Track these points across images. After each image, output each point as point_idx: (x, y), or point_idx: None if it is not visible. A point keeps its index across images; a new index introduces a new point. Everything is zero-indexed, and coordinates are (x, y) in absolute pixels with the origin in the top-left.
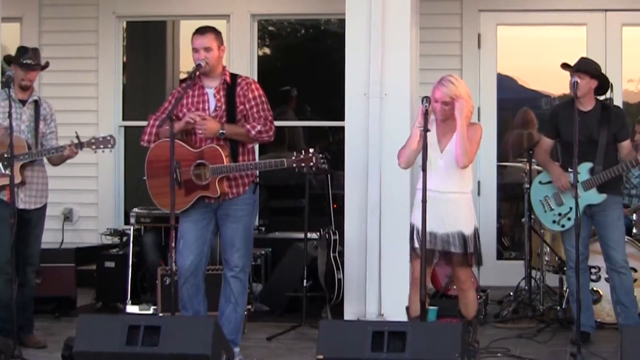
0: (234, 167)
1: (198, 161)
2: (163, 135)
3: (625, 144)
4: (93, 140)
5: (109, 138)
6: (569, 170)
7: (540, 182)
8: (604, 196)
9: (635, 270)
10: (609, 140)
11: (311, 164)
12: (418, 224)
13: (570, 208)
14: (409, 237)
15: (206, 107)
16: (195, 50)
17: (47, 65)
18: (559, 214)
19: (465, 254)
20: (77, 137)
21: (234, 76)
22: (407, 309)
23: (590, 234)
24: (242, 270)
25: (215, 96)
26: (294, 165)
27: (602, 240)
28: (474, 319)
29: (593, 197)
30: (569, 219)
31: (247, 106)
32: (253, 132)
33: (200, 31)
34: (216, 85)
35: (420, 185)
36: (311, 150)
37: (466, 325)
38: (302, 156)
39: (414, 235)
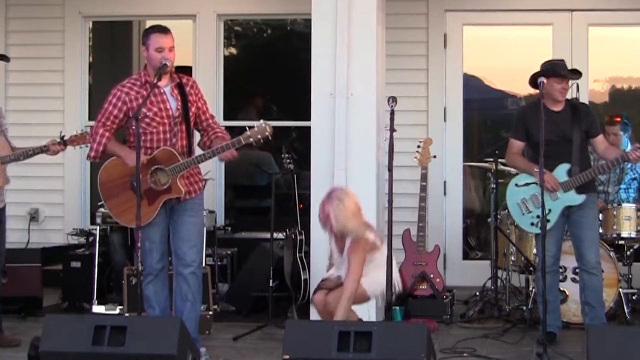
0: (191, 160)
1: (153, 167)
2: (109, 150)
3: (600, 139)
4: (74, 137)
5: (87, 134)
6: (550, 171)
7: (516, 185)
8: (583, 197)
9: (602, 271)
10: (582, 138)
11: (267, 133)
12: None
13: (550, 210)
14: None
15: (168, 107)
16: (160, 49)
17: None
18: (537, 216)
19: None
20: (62, 135)
21: (178, 75)
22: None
23: (563, 234)
24: (198, 266)
25: (172, 95)
26: (252, 139)
27: (576, 240)
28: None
29: (573, 198)
30: (547, 220)
31: (199, 104)
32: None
33: (163, 30)
34: (167, 84)
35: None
36: (260, 120)
37: None
38: (255, 128)
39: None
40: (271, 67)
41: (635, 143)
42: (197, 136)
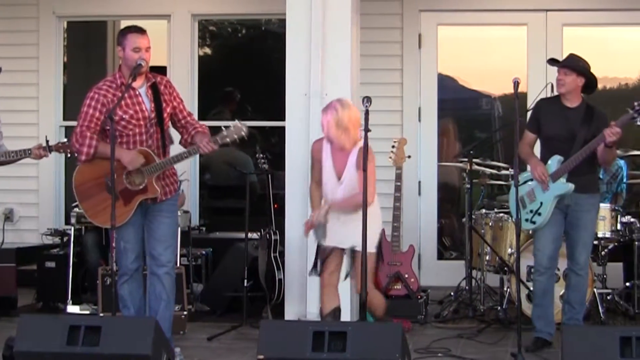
0: (167, 161)
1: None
2: (101, 152)
3: (603, 147)
4: (60, 144)
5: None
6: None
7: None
8: (570, 185)
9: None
10: (588, 139)
11: (242, 132)
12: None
13: (541, 203)
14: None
15: (144, 109)
16: (137, 50)
17: None
18: (531, 211)
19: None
20: (47, 141)
21: (152, 75)
22: (321, 309)
23: (562, 232)
24: (172, 267)
25: (147, 96)
26: (227, 139)
27: (570, 240)
28: (384, 315)
29: (561, 186)
30: (539, 214)
31: (175, 103)
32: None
33: (140, 30)
34: (142, 85)
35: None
36: (235, 120)
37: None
38: (231, 128)
39: (319, 248)
40: (246, 67)
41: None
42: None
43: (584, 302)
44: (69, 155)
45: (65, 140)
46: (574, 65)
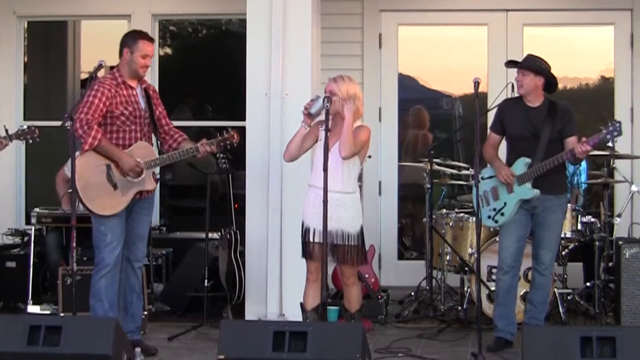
0: (167, 157)
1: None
2: (103, 146)
3: (572, 140)
4: (20, 132)
5: (33, 129)
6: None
7: (482, 178)
8: (535, 191)
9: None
10: (553, 137)
11: (234, 140)
12: (311, 223)
13: (505, 203)
14: (301, 235)
15: (141, 108)
16: (145, 56)
17: None
18: (494, 209)
19: (349, 251)
20: (6, 129)
21: (143, 80)
22: (302, 304)
23: (528, 232)
24: (144, 261)
25: (142, 97)
26: (222, 144)
27: (536, 240)
28: (357, 312)
29: (526, 191)
30: (502, 214)
31: (160, 109)
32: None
33: (150, 39)
34: (138, 86)
35: (313, 182)
36: (228, 129)
37: (349, 317)
38: (226, 134)
39: (308, 233)
40: (206, 67)
41: (582, 138)
42: None
43: (547, 302)
44: (30, 141)
45: (25, 127)
46: (531, 65)
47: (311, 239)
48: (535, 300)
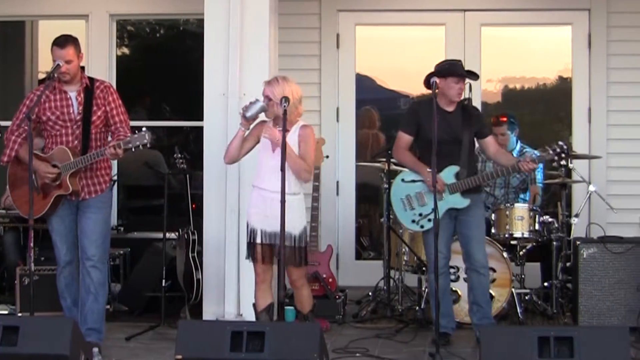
0: (80, 160)
1: (52, 164)
2: (22, 155)
3: (490, 140)
4: None
5: None
6: (428, 170)
7: (402, 180)
8: (467, 201)
9: (494, 270)
10: (471, 140)
11: (145, 141)
12: (255, 225)
13: (432, 209)
14: (247, 237)
15: (71, 111)
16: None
17: None
18: (420, 214)
19: (293, 252)
20: None
21: (91, 80)
22: (254, 305)
23: (452, 234)
24: (99, 260)
25: (77, 99)
26: (130, 145)
27: (464, 239)
28: (309, 313)
29: (457, 200)
30: (429, 220)
31: (108, 108)
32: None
33: (60, 44)
34: (76, 89)
35: (257, 183)
36: (144, 129)
37: (302, 319)
38: (136, 135)
39: (253, 234)
40: (164, 67)
41: (525, 154)
42: None
43: (490, 300)
44: None
45: None
46: (464, 73)
47: (258, 240)
48: (481, 301)
